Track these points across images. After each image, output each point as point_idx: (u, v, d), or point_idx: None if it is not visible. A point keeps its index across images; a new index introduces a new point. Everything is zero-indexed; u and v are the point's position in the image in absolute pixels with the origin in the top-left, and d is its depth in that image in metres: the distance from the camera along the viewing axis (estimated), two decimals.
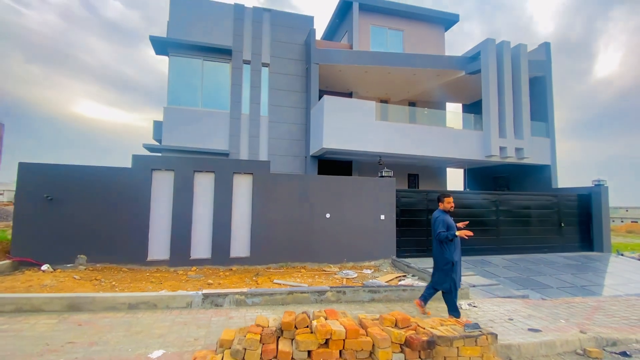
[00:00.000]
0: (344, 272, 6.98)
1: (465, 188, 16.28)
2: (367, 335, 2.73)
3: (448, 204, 4.78)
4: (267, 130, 11.68)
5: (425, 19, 15.22)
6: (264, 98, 11.86)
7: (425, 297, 4.71)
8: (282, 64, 12.13)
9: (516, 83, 11.41)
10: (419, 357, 2.66)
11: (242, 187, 7.40)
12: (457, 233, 4.42)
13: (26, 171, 6.44)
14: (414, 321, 3.01)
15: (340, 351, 2.65)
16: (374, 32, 14.74)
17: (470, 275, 7.27)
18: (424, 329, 2.89)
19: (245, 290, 4.71)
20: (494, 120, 11.04)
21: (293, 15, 12.62)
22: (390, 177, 8.53)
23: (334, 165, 13.70)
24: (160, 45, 11.36)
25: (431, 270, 7.42)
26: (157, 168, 6.99)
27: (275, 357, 2.57)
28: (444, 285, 4.50)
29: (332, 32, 16.68)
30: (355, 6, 14.01)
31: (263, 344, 2.65)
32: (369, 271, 7.27)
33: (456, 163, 13.99)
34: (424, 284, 5.96)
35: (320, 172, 13.17)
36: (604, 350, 4.07)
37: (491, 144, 10.91)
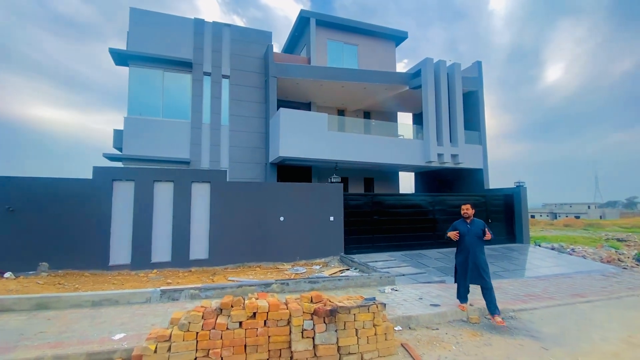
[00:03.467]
0: (294, 268, 7.87)
1: (415, 190, 17.83)
2: (286, 309, 3.62)
3: (462, 211, 5.34)
4: (228, 139, 12.33)
5: (377, 35, 16.61)
6: (225, 108, 12.51)
7: (461, 295, 5.27)
8: (242, 76, 12.85)
9: (452, 97, 12.98)
10: (324, 322, 3.59)
11: (201, 194, 8.06)
12: (449, 235, 5.22)
13: None
14: (326, 297, 3.94)
15: (265, 321, 3.53)
16: (330, 46, 15.86)
17: (404, 267, 8.45)
18: (332, 302, 3.83)
19: (199, 285, 5.45)
20: (433, 129, 12.51)
21: (252, 30, 13.39)
22: (338, 182, 9.56)
23: (294, 171, 14.59)
24: (120, 57, 11.65)
25: (371, 263, 8.55)
26: (117, 178, 7.49)
27: (214, 327, 3.39)
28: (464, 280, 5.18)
29: (293, 45, 17.62)
30: (312, 21, 15.07)
31: (205, 319, 3.45)
32: (317, 267, 8.22)
33: (405, 168, 15.42)
34: (360, 274, 7.00)
35: (281, 178, 14.02)
36: (484, 317, 5.28)
37: (430, 151, 12.36)
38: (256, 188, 8.68)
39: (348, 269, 7.99)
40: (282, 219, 8.66)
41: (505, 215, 12.17)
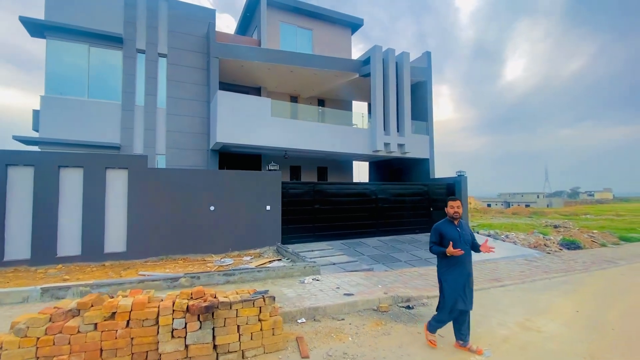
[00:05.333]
0: (222, 260, 7.47)
1: (369, 179, 17.93)
2: (155, 307, 3.24)
3: (451, 209, 3.68)
4: (165, 123, 11.48)
5: (333, 21, 16.18)
6: (162, 90, 11.59)
7: (440, 322, 3.80)
8: (182, 55, 11.94)
9: (400, 86, 12.97)
10: (199, 320, 3.27)
11: (117, 182, 7.35)
12: (447, 252, 3.46)
13: None
14: (208, 293, 3.62)
15: (128, 321, 3.13)
16: (283, 29, 15.22)
17: (338, 255, 8.34)
18: (214, 298, 3.52)
19: (90, 282, 4.90)
20: (380, 118, 12.46)
21: (193, 6, 12.43)
22: (276, 170, 9.20)
23: (242, 159, 14.01)
24: (35, 28, 10.32)
25: (305, 253, 8.35)
26: (12, 163, 6.59)
27: (61, 332, 2.94)
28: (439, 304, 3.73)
29: (245, 26, 16.75)
30: (263, 1, 14.29)
31: (52, 322, 2.99)
32: (248, 258, 7.87)
33: (356, 157, 15.36)
34: (282, 265, 6.75)
35: (228, 166, 13.41)
36: (397, 305, 5.24)
37: (377, 140, 12.32)
38: (183, 175, 8.09)
39: (280, 259, 7.73)
40: (212, 208, 8.18)
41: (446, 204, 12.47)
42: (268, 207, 8.88)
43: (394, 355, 3.58)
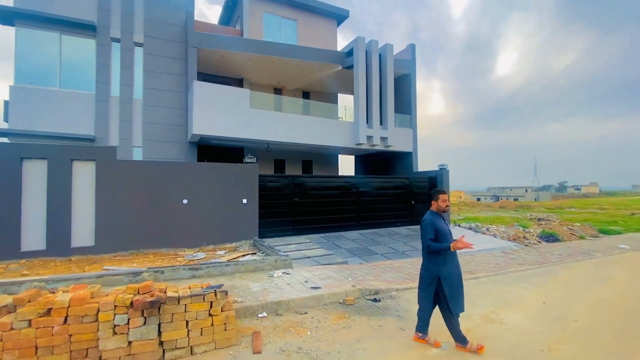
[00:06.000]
0: (192, 254, 7.32)
1: (355, 173, 17.86)
2: (96, 303, 3.10)
3: (443, 202, 3.64)
4: (142, 115, 11.17)
5: (318, 12, 15.89)
6: (138, 80, 11.25)
7: (420, 327, 3.68)
8: (159, 45, 11.59)
9: (383, 78, 12.83)
10: (143, 316, 3.14)
11: (84, 174, 7.11)
12: (452, 246, 3.32)
13: None
14: (158, 287, 3.49)
15: (65, 318, 2.99)
16: (267, 19, 14.90)
17: (315, 249, 8.26)
18: (164, 292, 3.39)
19: (46, 277, 4.72)
20: (362, 111, 12.33)
21: None
22: (253, 163, 9.03)
23: (223, 151, 13.76)
24: (4, 15, 9.88)
25: (281, 247, 8.24)
26: None
27: None
28: (420, 303, 3.66)
29: (228, 17, 16.40)
30: None
31: None
32: (222, 252, 7.74)
33: (339, 150, 15.24)
34: (253, 259, 6.64)
35: (209, 159, 13.17)
36: (364, 298, 5.17)
37: (359, 133, 12.20)
38: (154, 167, 7.87)
39: (254, 253, 7.62)
40: (185, 201, 7.99)
41: (429, 197, 12.44)
42: (244, 201, 8.73)
43: (349, 349, 3.50)
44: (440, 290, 3.48)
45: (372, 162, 16.72)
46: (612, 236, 12.33)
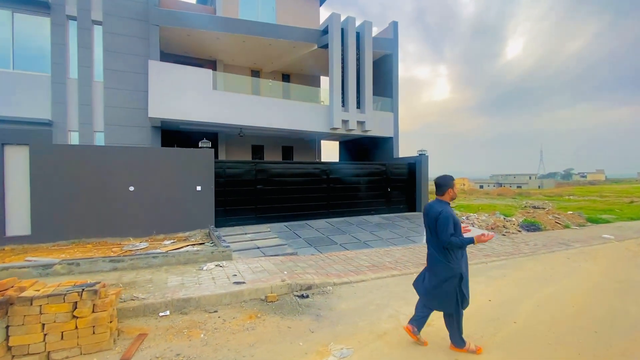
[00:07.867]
0: (135, 244, 6.94)
1: (339, 159, 17.29)
2: None
3: (453, 193, 3.16)
4: (103, 98, 10.65)
5: None
6: (98, 61, 10.69)
7: (418, 321, 3.34)
8: (120, 23, 10.92)
9: (361, 58, 12.08)
10: None
11: (16, 159, 6.68)
12: (476, 239, 2.93)
13: None
14: (18, 285, 3.09)
15: None
16: None
17: (271, 239, 7.83)
18: (19, 291, 2.99)
19: None
20: (338, 93, 11.66)
21: None
22: (208, 147, 8.53)
23: (194, 137, 13.24)
24: None
25: (235, 236, 7.83)
26: None
27: None
28: (447, 305, 3.15)
29: None
30: None
31: None
32: (169, 242, 7.35)
33: (317, 135, 14.63)
34: (201, 248, 6.22)
35: (179, 144, 12.67)
36: (292, 294, 4.74)
37: (334, 116, 11.57)
38: (96, 152, 7.42)
39: (203, 243, 7.22)
40: (132, 188, 7.56)
41: (407, 184, 11.93)
42: (199, 188, 8.28)
43: (235, 355, 3.08)
44: (458, 288, 3.09)
45: (356, 148, 16.12)
46: (600, 225, 11.73)
